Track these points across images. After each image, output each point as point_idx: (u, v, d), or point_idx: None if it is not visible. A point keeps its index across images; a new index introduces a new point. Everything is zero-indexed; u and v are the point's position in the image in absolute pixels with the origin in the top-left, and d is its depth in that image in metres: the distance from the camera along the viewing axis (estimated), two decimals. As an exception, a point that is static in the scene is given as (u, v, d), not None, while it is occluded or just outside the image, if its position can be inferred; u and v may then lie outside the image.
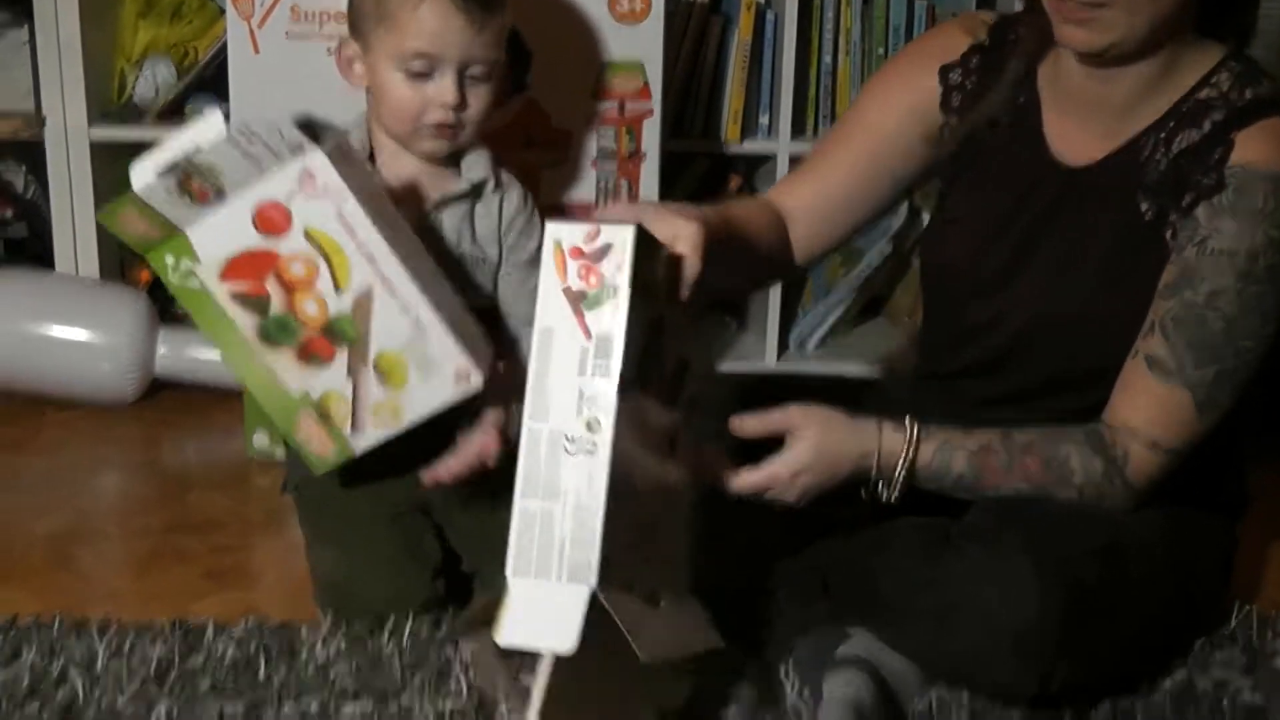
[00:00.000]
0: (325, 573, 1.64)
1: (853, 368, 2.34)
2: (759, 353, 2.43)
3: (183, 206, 1.40)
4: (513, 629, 1.12)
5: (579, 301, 1.14)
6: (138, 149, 1.50)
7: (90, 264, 2.47)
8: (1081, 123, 1.47)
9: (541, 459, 1.13)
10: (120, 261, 2.56)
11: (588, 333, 1.13)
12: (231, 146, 1.45)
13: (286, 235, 1.39)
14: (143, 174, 1.45)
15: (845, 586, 1.50)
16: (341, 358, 1.43)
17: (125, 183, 1.47)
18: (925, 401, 1.50)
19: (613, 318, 1.13)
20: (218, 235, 1.39)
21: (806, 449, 1.37)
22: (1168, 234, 1.42)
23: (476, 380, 1.45)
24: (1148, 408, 1.40)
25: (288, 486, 1.73)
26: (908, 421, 1.40)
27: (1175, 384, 1.38)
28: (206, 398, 2.36)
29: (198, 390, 2.38)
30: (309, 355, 1.43)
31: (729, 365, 2.35)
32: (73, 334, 2.32)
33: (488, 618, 1.14)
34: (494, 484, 1.62)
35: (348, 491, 1.59)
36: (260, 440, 2.14)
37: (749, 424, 1.38)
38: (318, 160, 1.38)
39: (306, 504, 1.70)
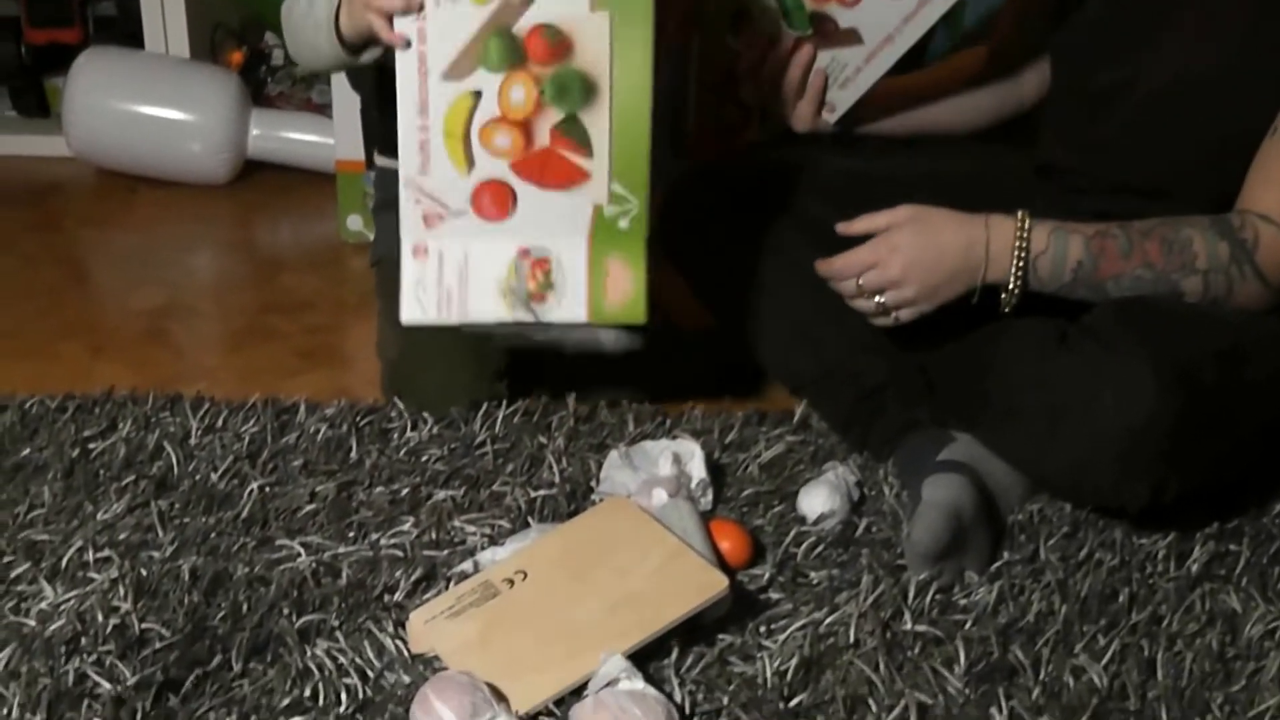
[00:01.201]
0: (387, 354, 1.62)
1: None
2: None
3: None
4: None
5: None
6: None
7: (180, 44, 2.44)
8: None
9: None
10: (211, 43, 2.52)
11: None
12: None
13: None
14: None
15: (952, 386, 1.46)
16: None
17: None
18: (1040, 198, 1.43)
19: None
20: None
21: (906, 228, 1.38)
22: None
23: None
24: None
25: (372, 260, 1.72)
26: (1018, 212, 1.36)
27: None
28: (300, 180, 2.35)
29: (291, 172, 2.37)
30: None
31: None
32: (163, 113, 2.30)
33: None
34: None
35: None
36: (354, 223, 2.11)
37: (856, 225, 1.41)
38: None
39: (382, 280, 1.67)
